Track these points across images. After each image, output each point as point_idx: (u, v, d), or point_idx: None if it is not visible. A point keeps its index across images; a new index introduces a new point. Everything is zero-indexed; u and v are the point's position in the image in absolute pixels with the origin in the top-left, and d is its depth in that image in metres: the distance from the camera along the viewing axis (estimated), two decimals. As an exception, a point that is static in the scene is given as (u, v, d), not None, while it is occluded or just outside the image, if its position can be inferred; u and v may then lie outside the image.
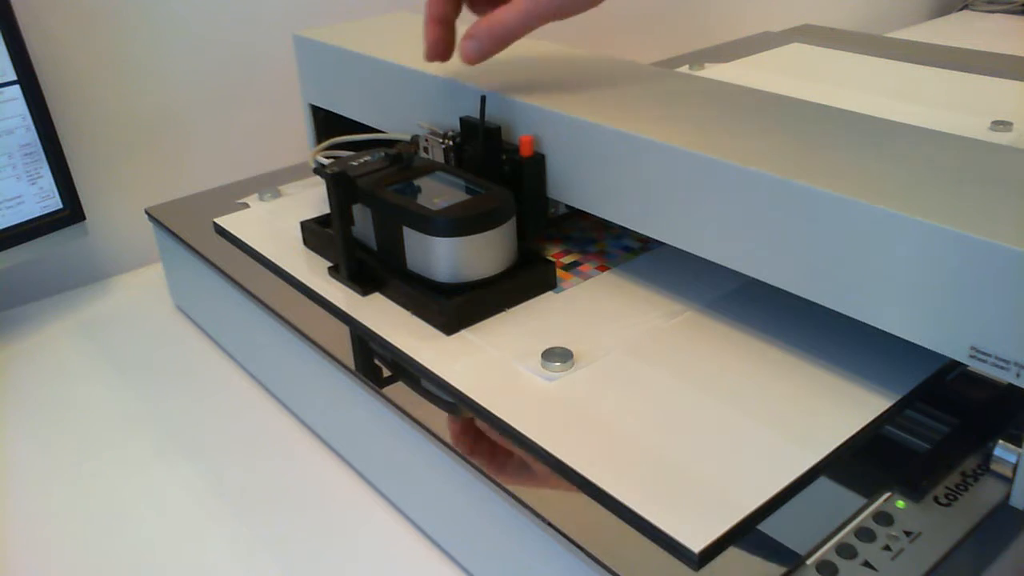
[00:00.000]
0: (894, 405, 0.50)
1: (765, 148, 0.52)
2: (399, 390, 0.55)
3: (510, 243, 0.61)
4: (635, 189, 0.57)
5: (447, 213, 0.58)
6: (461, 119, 0.66)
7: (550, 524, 0.44)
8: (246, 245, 0.73)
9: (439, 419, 0.52)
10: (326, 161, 0.71)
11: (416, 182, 0.63)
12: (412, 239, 0.60)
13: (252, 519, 0.60)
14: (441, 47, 0.61)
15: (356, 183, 0.62)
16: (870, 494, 0.46)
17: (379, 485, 0.61)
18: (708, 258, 0.54)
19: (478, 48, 0.58)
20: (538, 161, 0.62)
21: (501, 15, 0.57)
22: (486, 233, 0.58)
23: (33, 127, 0.78)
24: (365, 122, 0.77)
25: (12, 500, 0.63)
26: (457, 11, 0.61)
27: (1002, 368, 0.41)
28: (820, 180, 0.47)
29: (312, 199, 0.80)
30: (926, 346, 0.44)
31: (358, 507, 0.60)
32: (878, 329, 0.46)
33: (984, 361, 0.41)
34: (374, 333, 0.59)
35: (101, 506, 0.62)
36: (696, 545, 0.41)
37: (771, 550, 0.42)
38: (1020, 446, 0.45)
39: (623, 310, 0.60)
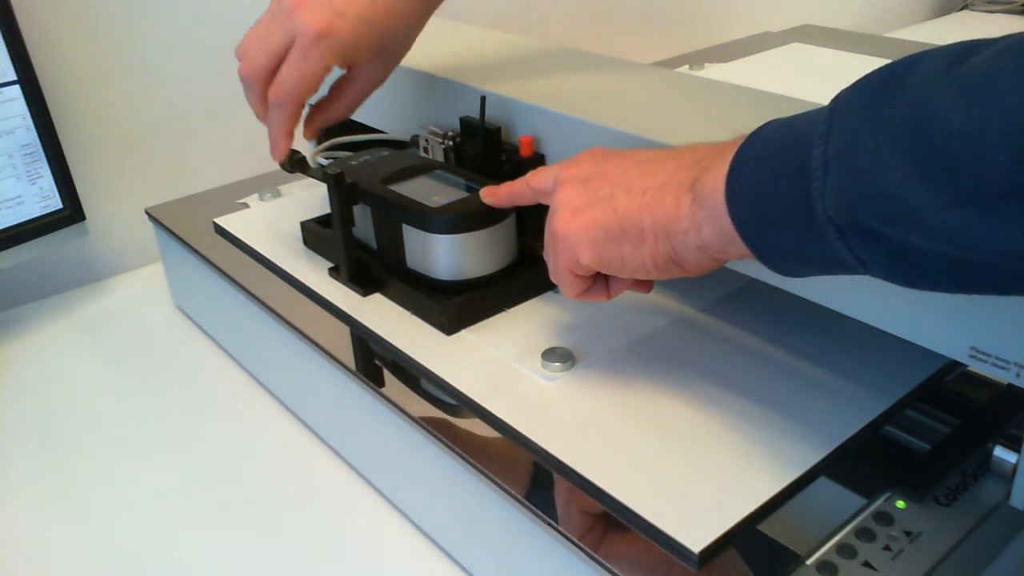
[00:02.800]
0: (894, 405, 0.50)
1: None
2: (399, 390, 0.55)
3: (509, 241, 0.61)
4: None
5: (446, 210, 0.58)
6: (461, 119, 0.66)
7: (550, 524, 0.44)
8: (246, 245, 0.73)
9: (439, 419, 0.52)
10: (326, 162, 0.71)
11: (416, 180, 0.63)
12: (411, 237, 0.60)
13: (252, 518, 0.60)
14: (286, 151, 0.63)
15: (356, 182, 0.62)
16: (870, 494, 0.46)
17: (379, 484, 0.61)
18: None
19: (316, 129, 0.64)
20: (538, 161, 0.62)
21: (340, 109, 0.62)
22: (485, 230, 0.58)
23: (33, 127, 0.78)
24: (365, 122, 0.77)
25: (12, 499, 0.63)
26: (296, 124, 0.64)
27: (1002, 368, 0.41)
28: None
29: (312, 199, 0.80)
30: (926, 346, 0.44)
31: (358, 506, 0.60)
32: (878, 329, 0.46)
33: (984, 361, 0.41)
34: (374, 333, 0.59)
35: (101, 505, 0.62)
36: (696, 545, 0.41)
37: (771, 550, 0.42)
38: (1019, 447, 0.45)
39: (623, 310, 0.60)
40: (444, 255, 0.58)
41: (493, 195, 0.56)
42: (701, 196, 0.40)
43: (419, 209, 0.59)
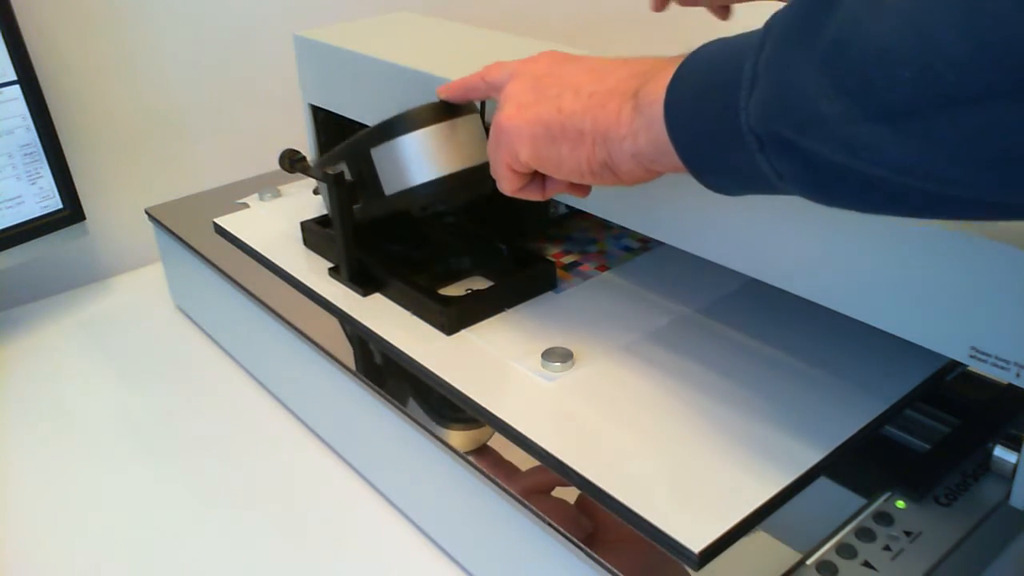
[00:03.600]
0: (894, 405, 0.50)
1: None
2: (399, 390, 0.55)
3: (477, 137, 0.59)
4: (635, 189, 0.57)
5: (407, 114, 0.58)
6: (461, 119, 0.66)
7: (550, 524, 0.44)
8: (246, 245, 0.73)
9: (439, 419, 0.52)
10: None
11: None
12: (382, 157, 0.59)
13: (252, 517, 0.60)
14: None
15: (333, 149, 0.62)
16: (870, 494, 0.46)
17: (378, 484, 0.61)
18: (708, 258, 0.54)
19: None
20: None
21: None
22: (447, 122, 0.57)
23: (33, 127, 0.78)
24: (365, 122, 0.77)
25: (12, 498, 0.63)
26: None
27: (1002, 368, 0.41)
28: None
29: (312, 199, 0.80)
30: (926, 346, 0.44)
31: (357, 505, 0.60)
32: (878, 329, 0.46)
33: (984, 361, 0.41)
34: (374, 333, 0.59)
35: (101, 504, 0.62)
36: (696, 545, 0.41)
37: (771, 550, 0.42)
38: (1019, 447, 0.45)
39: (623, 310, 0.60)
40: (413, 156, 0.58)
41: (447, 89, 0.57)
42: (641, 104, 0.40)
43: (380, 125, 0.58)
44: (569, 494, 0.46)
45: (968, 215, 0.32)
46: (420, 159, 0.58)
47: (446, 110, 0.57)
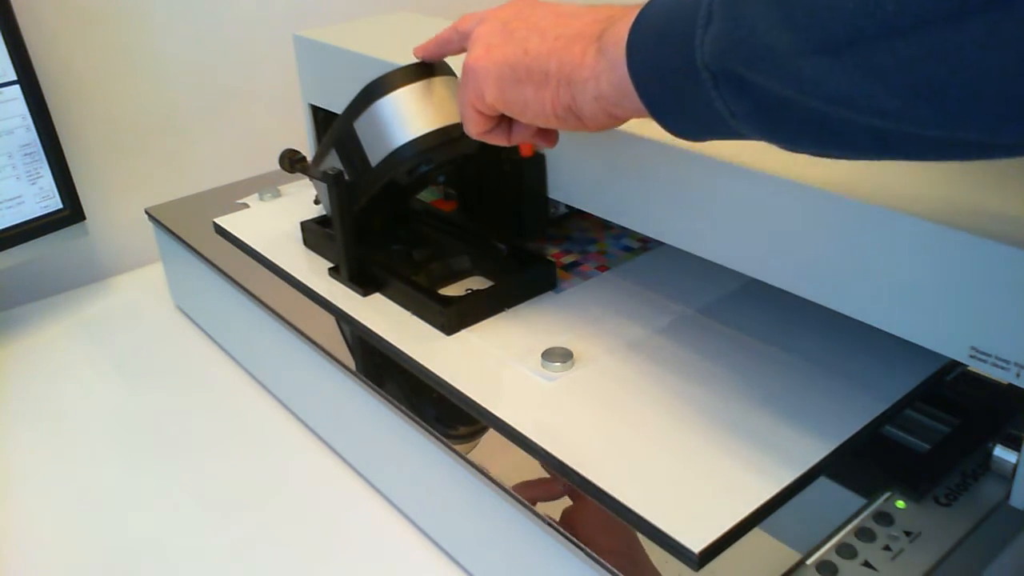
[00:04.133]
0: (894, 405, 0.50)
1: (763, 147, 0.52)
2: (399, 390, 0.55)
3: (454, 94, 0.59)
4: (635, 189, 0.57)
5: (383, 78, 0.58)
6: (461, 119, 0.66)
7: (550, 524, 0.44)
8: (246, 245, 0.73)
9: (439, 419, 0.52)
10: None
11: None
12: (364, 127, 0.59)
13: (252, 517, 0.60)
14: None
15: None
16: (870, 494, 0.46)
17: (378, 484, 0.61)
18: (708, 258, 0.54)
19: None
20: (538, 161, 0.62)
21: None
22: (424, 81, 0.58)
23: (33, 127, 0.78)
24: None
25: (12, 498, 0.63)
26: None
27: (1002, 368, 0.41)
28: (820, 179, 0.47)
29: (312, 199, 0.80)
30: (926, 346, 0.44)
31: (357, 505, 0.60)
32: (878, 329, 0.46)
33: (984, 361, 0.41)
34: (374, 333, 0.59)
35: (101, 504, 0.62)
36: (696, 545, 0.41)
37: (771, 550, 0.42)
38: (1019, 446, 0.45)
39: (623, 310, 0.60)
40: (392, 117, 0.58)
41: (423, 48, 0.57)
42: (605, 47, 0.41)
43: (359, 95, 0.59)
44: (551, 508, 0.45)
45: (916, 154, 0.32)
46: (400, 119, 0.58)
47: (422, 71, 0.58)
